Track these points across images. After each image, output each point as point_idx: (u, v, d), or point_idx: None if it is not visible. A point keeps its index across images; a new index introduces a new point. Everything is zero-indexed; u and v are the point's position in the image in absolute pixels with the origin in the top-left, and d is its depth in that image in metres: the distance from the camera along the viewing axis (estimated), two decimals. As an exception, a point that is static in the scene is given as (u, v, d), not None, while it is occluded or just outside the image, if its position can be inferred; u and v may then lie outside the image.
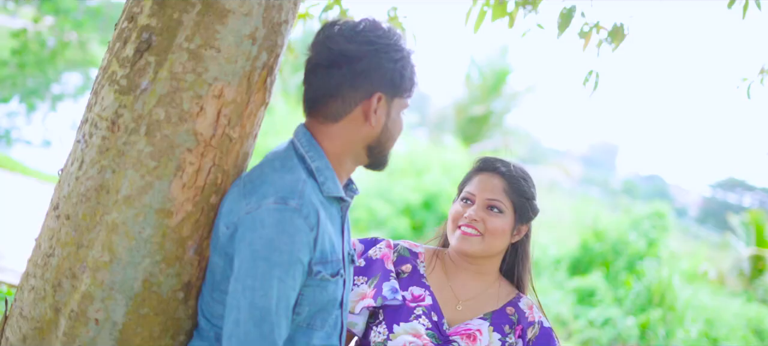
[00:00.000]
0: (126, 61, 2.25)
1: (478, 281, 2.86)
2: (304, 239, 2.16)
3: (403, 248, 2.89)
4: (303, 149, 2.29)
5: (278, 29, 2.32)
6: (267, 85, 2.35)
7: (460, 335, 2.75)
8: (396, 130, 2.37)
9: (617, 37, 4.06)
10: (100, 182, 2.25)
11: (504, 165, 2.84)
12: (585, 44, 4.11)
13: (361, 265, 2.84)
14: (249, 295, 2.12)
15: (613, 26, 4.06)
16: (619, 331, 14.39)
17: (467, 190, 2.84)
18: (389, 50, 2.26)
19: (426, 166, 17.52)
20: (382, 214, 16.89)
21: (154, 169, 2.22)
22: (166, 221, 2.25)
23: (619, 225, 16.60)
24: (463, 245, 2.78)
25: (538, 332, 2.83)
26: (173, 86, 2.21)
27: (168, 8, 2.21)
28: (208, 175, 2.28)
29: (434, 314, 2.76)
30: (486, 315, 2.81)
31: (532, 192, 2.85)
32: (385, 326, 2.74)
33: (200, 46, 2.21)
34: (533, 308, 2.88)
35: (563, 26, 3.97)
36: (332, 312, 2.36)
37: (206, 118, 2.24)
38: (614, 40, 4.07)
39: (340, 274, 2.32)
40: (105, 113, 2.26)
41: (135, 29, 2.25)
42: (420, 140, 21.96)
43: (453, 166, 17.13)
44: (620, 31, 4.04)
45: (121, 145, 2.23)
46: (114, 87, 2.26)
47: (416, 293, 2.79)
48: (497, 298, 2.86)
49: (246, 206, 2.18)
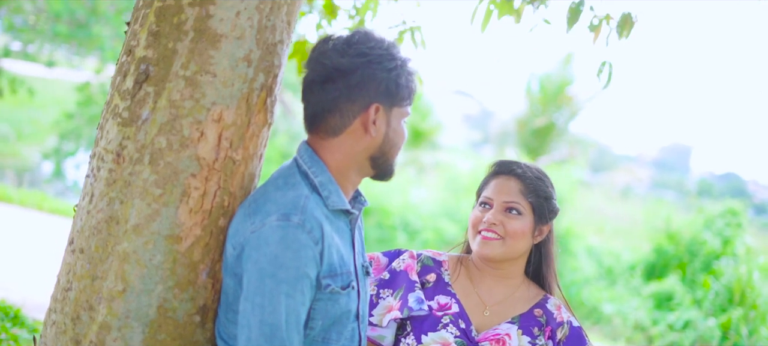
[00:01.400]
0: (127, 94, 2.30)
1: (503, 285, 2.84)
2: (310, 253, 2.18)
3: (427, 258, 2.88)
4: (306, 166, 2.32)
5: (273, 50, 2.35)
6: (268, 106, 2.38)
7: (488, 341, 2.73)
8: (398, 138, 2.38)
9: (626, 26, 4.00)
10: (109, 214, 2.30)
11: (520, 167, 2.82)
12: (595, 37, 4.06)
13: (386, 278, 2.85)
14: (258, 313, 2.15)
15: (622, 16, 4.00)
16: (701, 333, 14.07)
17: (485, 194, 2.82)
18: (382, 60, 2.27)
19: (491, 182, 17.39)
20: (449, 234, 16.85)
21: (159, 196, 2.27)
22: (176, 246, 2.29)
23: (693, 226, 16.25)
24: (484, 249, 2.77)
25: (568, 332, 2.80)
26: (173, 114, 2.26)
27: (163, 38, 2.26)
28: (214, 198, 2.31)
29: (462, 321, 2.75)
30: (514, 319, 2.78)
31: (549, 192, 2.82)
32: (414, 337, 2.74)
33: (196, 72, 2.25)
34: (561, 308, 2.84)
35: (572, 21, 3.93)
36: (347, 325, 2.36)
37: (207, 143, 2.28)
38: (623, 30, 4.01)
39: (352, 286, 2.33)
40: (110, 146, 2.31)
41: (133, 62, 2.30)
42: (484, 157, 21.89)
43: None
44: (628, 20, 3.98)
45: (127, 175, 2.28)
46: (117, 120, 2.31)
47: (442, 302, 2.79)
48: (524, 301, 2.84)
49: (251, 226, 2.20)
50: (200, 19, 2.24)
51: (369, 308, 2.80)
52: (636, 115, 57.37)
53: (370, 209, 16.96)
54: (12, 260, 8.56)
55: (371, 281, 2.87)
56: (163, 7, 2.27)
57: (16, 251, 8.89)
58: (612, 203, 23.78)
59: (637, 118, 58.07)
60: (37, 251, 9.19)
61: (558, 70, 22.32)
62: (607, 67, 4.13)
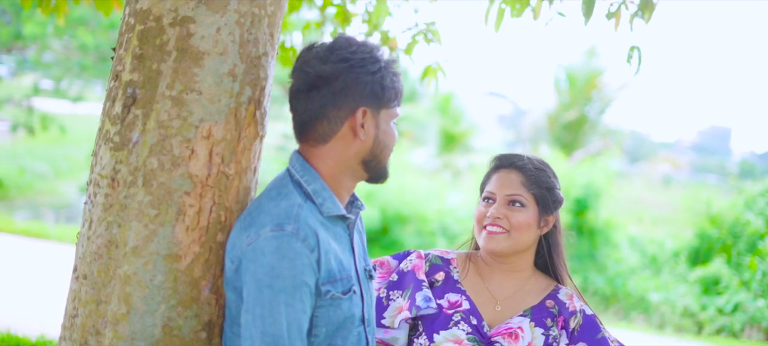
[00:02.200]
0: (116, 119, 2.33)
1: (513, 279, 2.82)
2: (306, 261, 2.19)
3: (435, 257, 2.88)
4: (298, 175, 2.33)
5: (258, 63, 2.37)
6: (257, 119, 2.40)
7: (501, 335, 2.72)
8: (389, 140, 2.38)
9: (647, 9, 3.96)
10: (108, 238, 2.33)
11: (521, 159, 2.81)
12: (616, 24, 4.03)
13: (394, 279, 2.85)
14: (259, 324, 2.16)
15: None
16: (751, 315, 13.87)
17: (487, 189, 2.82)
18: (365, 64, 2.28)
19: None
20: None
21: (155, 217, 2.29)
22: (176, 265, 2.31)
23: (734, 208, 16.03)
24: (490, 244, 2.76)
25: (582, 320, 2.78)
26: (162, 134, 2.28)
27: (147, 61, 2.29)
28: (210, 214, 2.33)
29: (473, 317, 2.74)
30: (526, 312, 2.77)
31: (552, 182, 2.81)
32: (426, 336, 2.73)
33: (181, 91, 2.27)
34: (573, 298, 2.82)
35: (588, 12, 3.89)
36: (352, 329, 2.36)
37: (199, 160, 2.30)
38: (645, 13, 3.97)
39: (353, 290, 2.33)
40: (104, 172, 2.34)
41: (120, 86, 2.33)
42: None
43: (555, 176, 16.89)
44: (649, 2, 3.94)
45: (122, 199, 2.31)
46: (109, 145, 2.34)
47: (453, 300, 2.78)
48: (535, 293, 2.82)
49: (246, 239, 2.22)
50: (182, 39, 2.27)
51: (380, 311, 2.81)
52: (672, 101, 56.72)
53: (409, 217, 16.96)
54: (50, 296, 8.67)
55: (380, 285, 2.87)
56: (145, 30, 2.29)
57: (54, 288, 9.00)
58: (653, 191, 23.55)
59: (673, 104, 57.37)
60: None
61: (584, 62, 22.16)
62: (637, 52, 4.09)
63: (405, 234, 16.36)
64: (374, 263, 2.93)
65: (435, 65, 4.95)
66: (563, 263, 2.89)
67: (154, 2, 2.28)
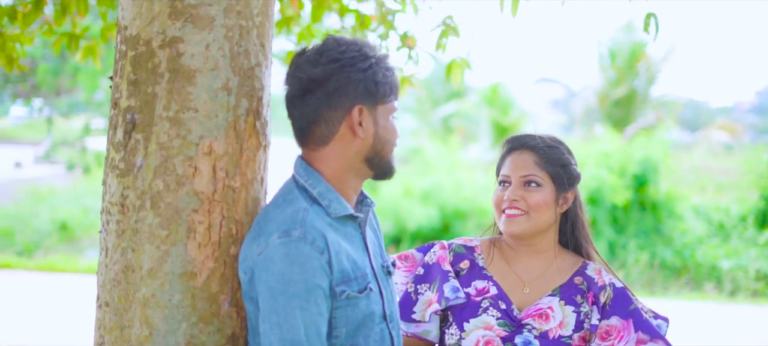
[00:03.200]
0: (120, 146, 2.37)
1: (539, 260, 2.80)
2: (316, 264, 2.20)
3: (458, 246, 2.87)
4: (302, 180, 2.34)
5: (251, 74, 2.38)
6: (258, 129, 2.42)
7: (531, 317, 2.70)
8: (389, 135, 2.38)
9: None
10: (124, 264, 2.37)
11: (532, 139, 2.79)
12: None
13: (421, 273, 2.85)
14: (277, 332, 2.18)
15: None
16: (826, 270, 13.62)
17: (502, 173, 2.80)
18: (355, 62, 2.28)
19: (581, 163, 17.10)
20: (552, 219, 16.63)
21: (166, 237, 2.32)
22: (192, 282, 2.34)
23: (795, 164, 15.73)
24: (510, 227, 2.74)
25: (612, 293, 2.75)
26: (164, 156, 2.31)
27: (141, 85, 2.32)
28: (220, 229, 2.35)
29: (502, 302, 2.72)
30: (554, 291, 2.75)
31: (566, 158, 2.78)
32: (456, 326, 2.73)
33: (178, 111, 2.30)
34: (602, 272, 2.79)
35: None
36: (373, 327, 2.36)
37: (203, 177, 2.32)
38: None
39: (369, 288, 2.33)
40: (114, 199, 2.38)
41: (120, 113, 2.36)
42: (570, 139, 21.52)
43: (608, 155, 16.67)
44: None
45: (133, 224, 2.34)
46: (115, 172, 2.38)
47: (480, 287, 2.77)
48: (563, 271, 2.79)
49: (256, 249, 2.24)
50: (172, 59, 2.30)
51: (410, 305, 2.81)
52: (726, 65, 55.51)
53: (468, 213, 16.90)
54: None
55: (407, 279, 2.87)
56: (137, 55, 2.33)
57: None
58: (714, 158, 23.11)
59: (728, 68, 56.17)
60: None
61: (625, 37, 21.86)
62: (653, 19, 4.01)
63: (466, 230, 16.31)
64: (399, 258, 2.94)
65: (459, 59, 4.91)
66: (588, 239, 2.86)
67: (142, 27, 2.32)
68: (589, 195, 16.48)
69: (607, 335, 2.70)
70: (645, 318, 2.72)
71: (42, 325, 9.72)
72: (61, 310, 10.47)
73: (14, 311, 10.34)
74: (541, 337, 2.68)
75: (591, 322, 2.71)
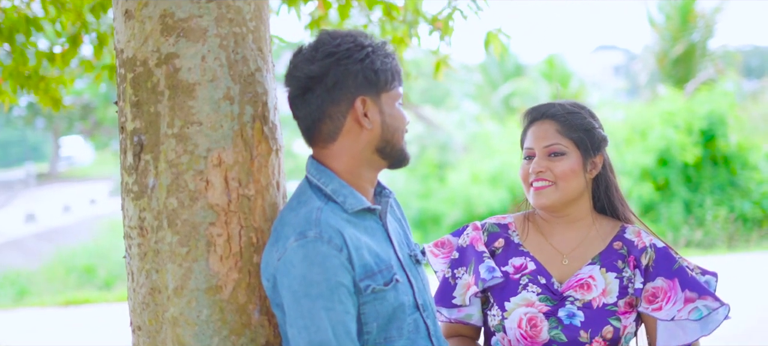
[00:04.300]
0: (131, 169, 2.37)
1: (575, 229, 2.72)
2: (336, 262, 2.16)
3: (491, 225, 2.81)
4: (315, 179, 2.31)
5: (252, 80, 2.36)
6: (267, 134, 2.39)
7: (573, 289, 2.62)
8: (397, 122, 2.33)
9: None
10: (150, 286, 2.36)
11: (551, 107, 2.71)
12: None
13: (456, 257, 2.80)
14: (305, 335, 2.15)
15: None
16: None
17: (526, 146, 2.73)
18: (351, 53, 2.24)
19: (647, 125, 16.83)
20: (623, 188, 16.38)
21: (187, 254, 2.31)
22: (219, 296, 2.32)
23: None
24: (539, 199, 2.67)
25: (654, 255, 2.65)
26: (174, 173, 2.30)
27: (144, 106, 2.32)
28: (240, 239, 2.34)
29: (541, 276, 2.66)
30: (594, 259, 2.67)
31: (589, 122, 2.69)
32: (497, 306, 2.67)
33: (182, 126, 2.29)
34: (641, 234, 2.70)
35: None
36: (405, 319, 2.32)
37: (216, 189, 2.31)
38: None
39: (396, 280, 2.29)
40: (132, 223, 2.38)
41: (127, 137, 2.36)
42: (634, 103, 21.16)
43: (672, 114, 16.35)
44: None
45: (153, 245, 2.34)
46: (130, 196, 2.38)
47: (517, 264, 2.70)
48: (601, 238, 2.71)
49: (276, 254, 2.21)
50: (170, 76, 2.28)
51: (449, 291, 2.76)
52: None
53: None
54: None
55: (444, 265, 2.82)
56: (135, 76, 2.32)
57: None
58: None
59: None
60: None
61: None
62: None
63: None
64: (435, 245, 2.89)
65: (495, 31, 4.89)
66: (623, 202, 2.77)
67: (137, 48, 2.31)
68: (659, 156, 16.20)
69: (654, 297, 2.61)
70: (691, 276, 2.62)
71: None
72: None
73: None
74: (585, 307, 2.60)
75: (635, 286, 2.62)
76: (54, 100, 4.95)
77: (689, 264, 2.67)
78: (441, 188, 19.14)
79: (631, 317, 2.62)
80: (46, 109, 5.04)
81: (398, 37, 5.27)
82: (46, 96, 4.93)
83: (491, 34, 4.90)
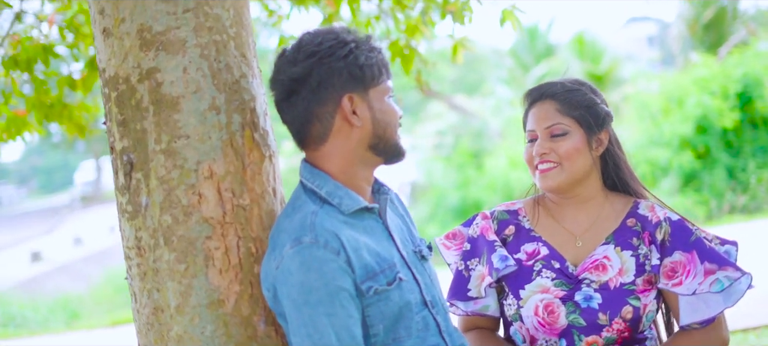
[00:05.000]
0: (124, 189, 2.33)
1: (586, 210, 2.64)
2: (334, 266, 2.11)
3: (500, 212, 2.73)
4: (309, 183, 2.26)
5: (238, 87, 2.31)
6: (258, 141, 2.34)
7: (588, 270, 2.54)
8: (388, 117, 2.26)
9: None
10: (153, 306, 2.33)
11: (550, 87, 2.63)
12: None
13: (467, 249, 2.73)
14: (308, 343, 2.09)
15: None
16: None
17: (528, 128, 2.65)
18: (334, 51, 2.18)
19: (683, 93, 16.55)
20: (663, 159, 16.16)
21: (186, 271, 2.27)
22: (221, 310, 2.28)
23: None
24: (545, 182, 2.59)
25: (669, 228, 2.56)
26: (166, 189, 2.26)
27: (130, 123, 2.27)
28: (238, 250, 2.29)
29: (555, 261, 2.58)
30: (608, 238, 2.59)
31: (590, 98, 2.60)
32: (512, 296, 2.59)
33: (170, 141, 2.24)
34: (655, 208, 2.61)
35: None
36: (413, 317, 2.25)
37: (209, 202, 2.26)
38: None
39: (399, 278, 2.22)
40: (130, 243, 2.35)
41: (117, 157, 2.32)
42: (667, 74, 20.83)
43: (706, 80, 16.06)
44: None
45: (152, 264, 2.30)
46: (125, 216, 2.34)
47: (530, 250, 2.63)
48: (613, 216, 2.63)
49: (274, 263, 2.16)
50: (153, 91, 2.24)
51: (464, 284, 2.69)
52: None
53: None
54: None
55: (457, 258, 2.75)
56: (119, 94, 2.28)
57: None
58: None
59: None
60: None
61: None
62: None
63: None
64: (447, 237, 2.83)
65: (510, 7, 4.89)
66: (633, 176, 2.68)
67: (118, 65, 2.27)
68: (697, 124, 15.93)
69: (673, 272, 2.52)
70: (709, 247, 2.53)
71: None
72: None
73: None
74: (602, 289, 2.51)
75: (651, 263, 2.53)
76: (79, 127, 4.96)
77: (707, 235, 2.57)
78: (479, 176, 19.04)
79: (651, 295, 2.53)
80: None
81: (412, 26, 5.23)
82: (71, 124, 4.94)
83: (506, 11, 4.90)
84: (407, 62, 5.30)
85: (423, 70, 5.55)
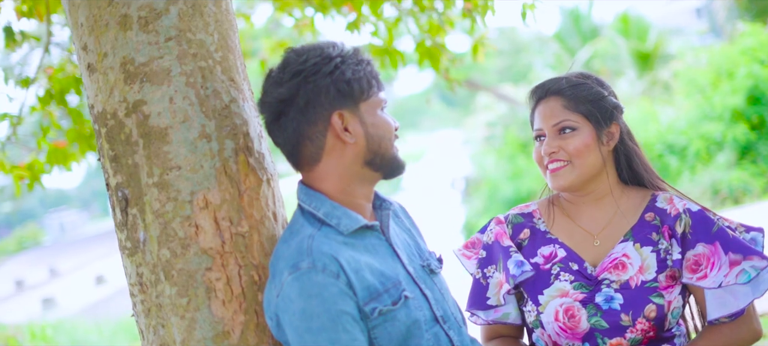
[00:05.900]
0: (122, 226, 2.29)
1: (602, 207, 2.53)
2: (334, 290, 2.04)
3: (514, 216, 2.64)
4: (306, 205, 2.19)
5: (228, 112, 2.25)
6: (253, 166, 2.28)
7: (607, 270, 2.44)
8: (382, 130, 2.19)
9: None
10: (160, 343, 2.28)
11: (554, 83, 2.52)
12: None
13: (483, 256, 2.64)
14: None
15: None
16: None
17: (535, 127, 2.56)
18: (318, 68, 2.11)
19: (732, 64, 16.13)
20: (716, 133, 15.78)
21: (188, 304, 2.22)
22: (227, 342, 2.23)
23: None
24: (557, 181, 2.49)
25: (690, 220, 2.44)
26: (162, 223, 2.21)
27: (122, 159, 2.23)
28: (240, 279, 2.24)
29: (573, 263, 2.48)
30: (626, 235, 2.48)
31: (597, 91, 2.49)
32: (531, 302, 2.50)
33: (161, 173, 2.20)
34: (674, 200, 2.49)
35: None
36: (422, 335, 2.17)
37: (207, 233, 2.21)
38: None
39: (404, 296, 2.15)
40: (133, 280, 2.31)
41: (114, 193, 2.29)
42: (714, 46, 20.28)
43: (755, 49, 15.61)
44: None
45: (155, 299, 2.26)
46: (126, 253, 2.30)
47: (546, 253, 2.53)
48: (631, 211, 2.52)
49: (274, 291, 2.11)
50: (141, 124, 2.19)
51: (482, 292, 2.60)
52: None
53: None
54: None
55: (474, 267, 2.66)
56: (109, 130, 2.24)
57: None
58: None
59: None
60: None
61: None
62: None
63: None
64: (465, 246, 2.74)
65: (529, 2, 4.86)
66: (648, 169, 2.56)
67: (105, 100, 2.23)
68: (748, 95, 15.54)
69: (697, 265, 2.40)
70: (733, 236, 2.40)
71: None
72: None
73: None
74: (623, 289, 2.41)
75: (673, 257, 2.42)
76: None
77: (730, 223, 2.45)
78: (530, 166, 18.79)
79: (675, 291, 2.42)
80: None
81: (434, 26, 5.18)
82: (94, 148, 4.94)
83: (526, 5, 4.83)
84: (435, 61, 5.26)
85: (450, 68, 5.50)
